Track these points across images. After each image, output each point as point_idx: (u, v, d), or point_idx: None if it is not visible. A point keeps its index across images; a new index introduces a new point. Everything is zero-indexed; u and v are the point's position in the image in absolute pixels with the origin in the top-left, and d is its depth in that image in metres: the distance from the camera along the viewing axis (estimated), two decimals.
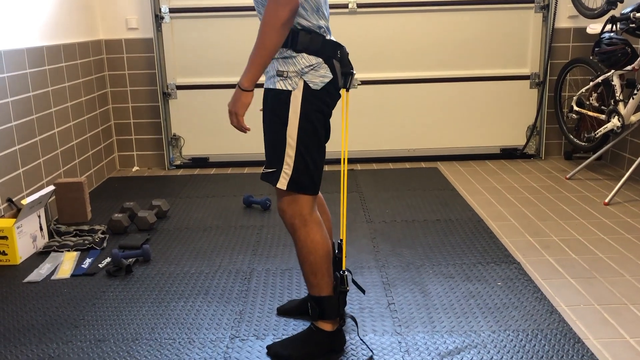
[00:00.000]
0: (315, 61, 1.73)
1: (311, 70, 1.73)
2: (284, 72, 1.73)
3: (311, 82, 1.73)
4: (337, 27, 3.93)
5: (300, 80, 1.72)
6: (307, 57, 1.73)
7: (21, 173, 2.82)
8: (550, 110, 4.04)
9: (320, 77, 1.74)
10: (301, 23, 1.72)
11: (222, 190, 3.55)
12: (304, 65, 1.72)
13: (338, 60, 1.77)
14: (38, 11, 3.07)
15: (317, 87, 1.73)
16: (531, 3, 3.92)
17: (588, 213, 3.00)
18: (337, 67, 1.76)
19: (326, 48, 1.75)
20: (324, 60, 1.74)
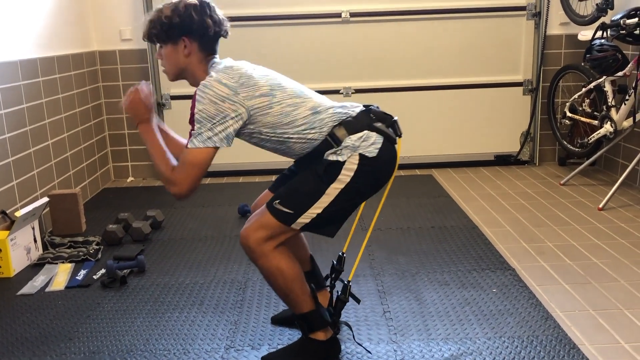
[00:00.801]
0: (362, 134, 1.71)
1: (362, 142, 1.70)
2: (336, 151, 1.71)
3: (367, 152, 1.70)
4: (331, 37, 3.94)
5: (355, 154, 1.70)
6: (352, 136, 1.71)
7: (15, 185, 2.81)
8: (543, 117, 4.06)
9: (373, 145, 1.71)
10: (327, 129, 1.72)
11: (217, 200, 3.55)
12: (353, 142, 1.70)
13: (377, 119, 1.76)
14: (32, 23, 3.08)
15: (373, 154, 1.70)
16: (523, 11, 3.95)
17: (582, 219, 3.01)
18: (382, 127, 1.75)
19: (360, 120, 1.75)
20: (369, 130, 1.73)
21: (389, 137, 1.75)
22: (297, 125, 1.73)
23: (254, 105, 1.70)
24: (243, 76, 1.71)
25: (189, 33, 1.77)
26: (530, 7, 3.94)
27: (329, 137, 1.73)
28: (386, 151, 1.73)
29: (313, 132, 1.73)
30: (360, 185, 1.71)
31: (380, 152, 1.71)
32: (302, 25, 3.94)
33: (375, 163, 1.70)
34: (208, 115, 1.66)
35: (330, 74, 4.01)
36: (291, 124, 1.73)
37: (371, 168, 1.71)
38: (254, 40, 3.95)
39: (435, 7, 3.93)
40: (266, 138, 1.76)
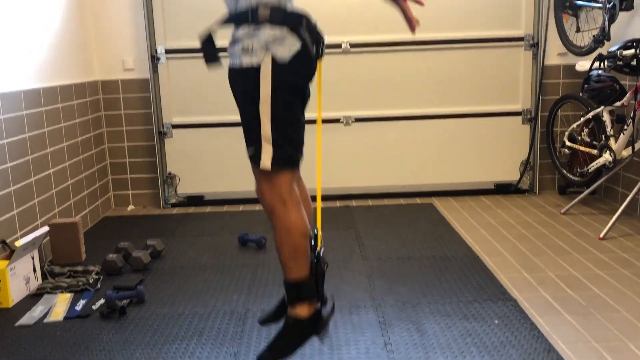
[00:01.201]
0: (279, 32, 1.66)
1: (276, 42, 1.66)
2: (248, 47, 1.66)
3: (278, 54, 1.65)
4: (331, 67, 3.98)
5: (267, 54, 1.65)
6: (270, 28, 1.66)
7: (15, 214, 2.81)
8: (542, 146, 4.08)
9: (287, 48, 1.66)
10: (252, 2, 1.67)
11: (217, 229, 3.54)
12: (267, 37, 1.65)
13: (305, 28, 1.71)
14: (35, 53, 3.11)
15: (285, 59, 1.65)
16: (521, 41, 4.00)
17: (583, 248, 3.00)
18: (306, 36, 1.70)
19: (289, 18, 1.69)
20: (290, 30, 1.67)
21: (308, 48, 1.70)
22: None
23: None
24: None
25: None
26: (528, 37, 3.99)
27: (251, 9, 1.67)
28: (302, 62, 1.70)
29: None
30: (281, 87, 1.68)
31: (294, 60, 1.67)
32: None
33: (287, 67, 1.67)
34: None
35: (331, 103, 4.05)
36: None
37: (286, 72, 1.67)
38: None
39: (434, 38, 3.98)
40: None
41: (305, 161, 1.89)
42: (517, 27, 4.00)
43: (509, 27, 3.99)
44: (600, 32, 3.33)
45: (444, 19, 3.97)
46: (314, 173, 1.93)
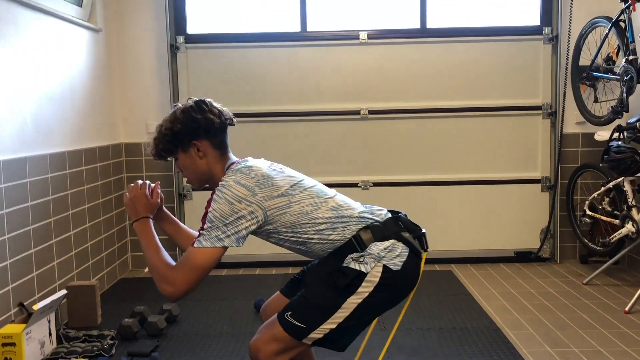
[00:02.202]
0: (389, 244, 1.66)
1: (388, 253, 1.64)
2: (359, 258, 1.64)
3: (391, 264, 1.63)
4: (350, 132, 4.03)
5: (379, 265, 1.62)
6: (379, 244, 1.66)
7: (34, 276, 2.82)
8: (563, 214, 4.04)
9: (398, 257, 1.65)
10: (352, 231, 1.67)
11: (233, 293, 3.52)
12: (379, 250, 1.64)
13: (405, 229, 1.71)
14: (63, 119, 3.21)
15: (397, 267, 1.64)
16: (539, 110, 4.04)
17: (608, 322, 2.92)
18: (410, 238, 1.70)
19: (388, 227, 1.69)
20: (396, 239, 1.67)
21: (415, 250, 1.69)
22: (318, 225, 1.68)
23: (272, 206, 1.66)
24: (262, 177, 1.69)
25: (197, 135, 1.77)
26: (546, 106, 4.03)
27: (354, 239, 1.67)
28: (411, 265, 1.67)
29: (335, 233, 1.68)
30: (379, 298, 1.64)
31: (405, 266, 1.65)
32: (323, 121, 4.06)
33: (398, 277, 1.64)
34: (221, 215, 1.62)
35: (349, 168, 4.08)
36: (311, 224, 1.68)
37: (393, 282, 1.64)
38: (277, 134, 4.07)
39: (452, 105, 4.04)
40: (284, 238, 1.72)
41: None
42: (535, 96, 4.04)
43: (527, 96, 4.05)
44: (619, 103, 3.35)
45: (464, 87, 4.03)
46: None
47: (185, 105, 1.80)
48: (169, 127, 1.77)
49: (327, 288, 1.64)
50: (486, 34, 4.02)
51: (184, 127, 1.76)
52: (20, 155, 2.74)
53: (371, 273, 1.63)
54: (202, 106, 1.80)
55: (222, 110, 1.84)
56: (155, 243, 1.74)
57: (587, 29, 3.78)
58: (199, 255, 1.62)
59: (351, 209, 1.74)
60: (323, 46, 4.04)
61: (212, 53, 4.02)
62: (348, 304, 1.62)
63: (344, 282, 1.62)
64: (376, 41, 4.02)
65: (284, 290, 1.93)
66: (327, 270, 1.67)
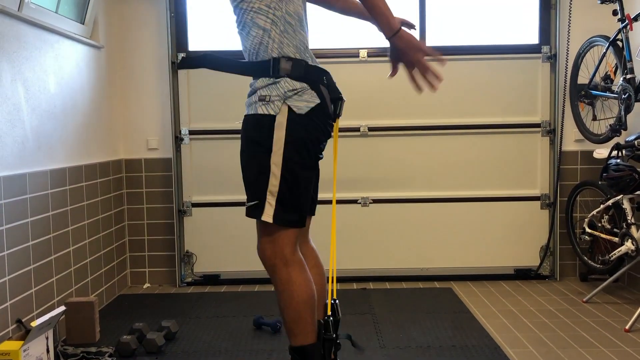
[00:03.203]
0: (299, 86, 1.66)
1: (295, 95, 1.65)
2: (266, 97, 1.65)
3: (295, 107, 1.65)
4: (349, 149, 4.05)
5: (284, 105, 1.64)
6: (290, 81, 1.66)
7: (33, 292, 2.81)
8: (562, 231, 4.04)
9: (306, 102, 1.66)
10: (282, 50, 1.68)
11: (232, 310, 3.50)
12: (287, 89, 1.65)
13: (325, 85, 1.71)
14: (64, 135, 3.22)
15: (302, 111, 1.65)
16: (537, 127, 4.05)
17: (609, 340, 2.91)
18: (325, 93, 1.70)
19: (310, 73, 1.70)
20: (309, 86, 1.68)
21: (325, 105, 1.68)
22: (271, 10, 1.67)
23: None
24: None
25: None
26: (545, 124, 4.05)
27: (273, 61, 1.66)
28: (318, 115, 1.66)
29: (273, 33, 1.66)
30: (297, 140, 1.64)
31: (311, 113, 1.64)
32: None
33: (304, 120, 1.64)
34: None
35: (349, 184, 4.09)
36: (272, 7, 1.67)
37: (302, 125, 1.64)
38: None
39: (450, 123, 4.06)
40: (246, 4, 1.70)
41: (322, 241, 1.85)
42: (534, 113, 4.07)
43: (526, 113, 4.07)
44: (617, 121, 3.37)
45: (463, 105, 4.06)
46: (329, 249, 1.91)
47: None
48: None
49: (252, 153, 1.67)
50: (485, 52, 4.05)
51: None
52: (20, 171, 2.75)
53: (278, 117, 1.63)
54: None
55: None
56: None
57: (585, 47, 3.81)
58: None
59: (303, 33, 1.73)
60: (323, 64, 3.98)
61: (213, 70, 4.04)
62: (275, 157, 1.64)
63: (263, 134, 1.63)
64: (376, 59, 4.05)
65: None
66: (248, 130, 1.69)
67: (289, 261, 1.68)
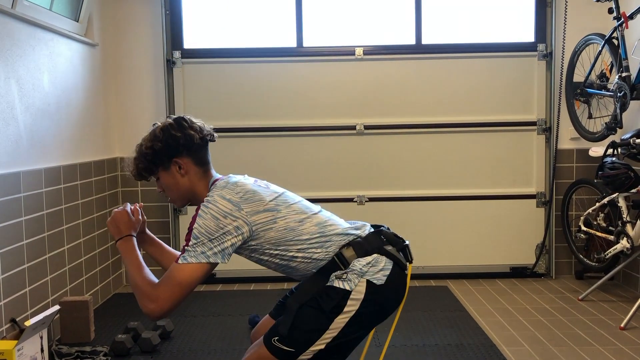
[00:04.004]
0: (371, 259, 1.63)
1: (371, 268, 1.62)
2: (342, 275, 1.61)
3: (374, 279, 1.61)
4: (345, 148, 4.05)
5: (362, 280, 1.60)
6: (361, 259, 1.63)
7: (27, 291, 2.80)
8: (558, 229, 4.05)
9: (382, 272, 1.62)
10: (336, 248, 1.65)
11: (227, 309, 3.49)
12: (362, 266, 1.62)
13: (388, 242, 1.69)
14: (58, 133, 3.20)
15: (381, 281, 1.61)
16: (533, 125, 4.05)
17: (604, 338, 2.91)
18: (393, 250, 1.67)
19: (370, 242, 1.67)
20: (379, 253, 1.65)
21: (400, 262, 1.67)
22: (302, 242, 1.66)
23: (257, 221, 1.65)
24: (248, 192, 1.69)
25: (177, 152, 1.76)
26: (541, 122, 4.05)
27: (336, 257, 1.64)
28: (395, 278, 1.64)
29: (319, 251, 1.66)
30: (366, 315, 1.62)
31: (389, 279, 1.62)
32: (319, 136, 4.07)
33: (383, 291, 1.61)
34: (207, 231, 1.60)
35: (345, 183, 4.08)
36: (295, 241, 1.66)
37: (378, 297, 1.61)
38: (273, 149, 4.07)
39: (447, 121, 4.05)
40: (268, 254, 1.69)
41: None
42: (530, 111, 4.07)
43: (521, 111, 4.07)
44: (612, 119, 3.37)
45: (459, 103, 4.05)
46: None
47: (164, 123, 1.79)
48: (149, 146, 1.76)
49: (313, 310, 1.62)
50: (481, 50, 4.05)
51: (164, 145, 1.75)
52: (14, 169, 2.73)
53: (355, 290, 1.61)
54: (182, 123, 1.79)
55: (203, 127, 1.83)
56: (138, 261, 1.71)
57: (580, 45, 3.81)
58: (183, 271, 1.59)
59: (335, 225, 1.72)
60: (319, 62, 4.06)
61: (208, 68, 4.04)
62: (335, 324, 1.61)
63: (330, 304, 1.60)
64: (372, 57, 4.04)
65: (272, 313, 1.91)
66: (312, 291, 1.64)
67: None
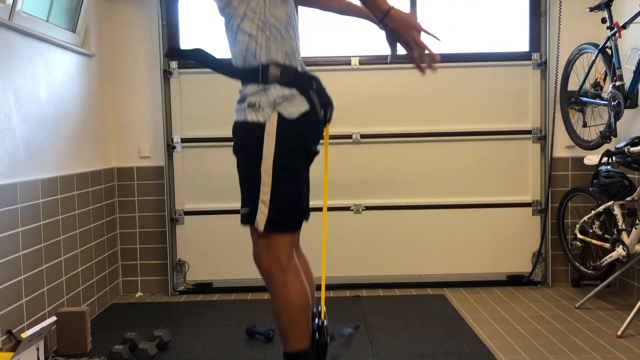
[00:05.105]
0: (289, 92, 1.66)
1: (285, 102, 1.64)
2: (255, 103, 1.65)
3: (285, 113, 1.64)
4: (342, 156, 4.06)
5: (274, 112, 1.63)
6: (279, 88, 1.65)
7: (24, 303, 2.79)
8: (554, 237, 4.06)
9: (296, 107, 1.65)
10: (270, 56, 1.67)
11: (225, 319, 3.49)
12: (276, 96, 1.64)
13: (314, 91, 1.71)
14: (55, 144, 3.21)
15: (292, 116, 1.64)
16: (528, 134, 4.08)
17: (601, 347, 2.92)
18: (315, 98, 1.69)
19: (300, 79, 1.69)
20: (299, 92, 1.67)
21: (315, 111, 1.67)
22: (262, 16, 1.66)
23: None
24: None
25: None
26: (536, 130, 4.07)
27: (261, 67, 1.65)
28: (309, 120, 1.66)
29: (260, 38, 1.65)
30: (288, 147, 1.63)
31: (302, 118, 1.64)
32: None
33: (295, 126, 1.63)
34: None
35: (341, 192, 4.09)
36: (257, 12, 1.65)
37: (292, 131, 1.63)
38: None
39: (443, 130, 4.07)
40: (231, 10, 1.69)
41: (315, 248, 1.85)
42: (525, 120, 4.09)
43: (516, 120, 4.09)
44: (607, 128, 3.40)
45: (454, 112, 4.07)
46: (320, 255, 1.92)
47: None
48: None
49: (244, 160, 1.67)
50: (476, 59, 4.07)
51: None
52: (11, 180, 2.73)
53: (268, 123, 1.62)
54: None
55: None
56: None
57: (574, 54, 3.84)
58: None
59: (292, 38, 1.71)
60: (315, 71, 4.02)
61: (205, 78, 4.05)
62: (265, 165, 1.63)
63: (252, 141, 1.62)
64: (368, 67, 4.07)
65: None
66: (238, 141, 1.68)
67: (285, 268, 1.68)
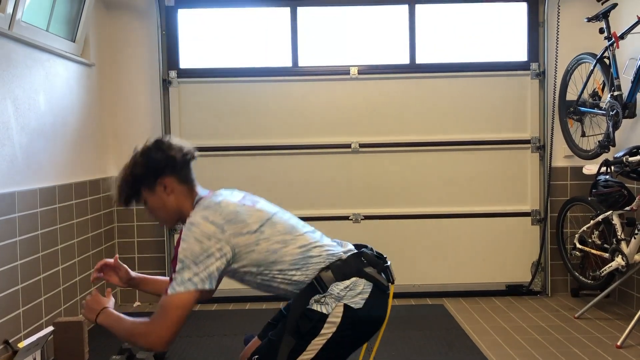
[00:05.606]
0: (349, 282, 1.64)
1: (349, 292, 1.62)
2: (321, 299, 1.62)
3: (352, 303, 1.61)
4: (340, 166, 4.06)
5: (340, 304, 1.61)
6: (339, 283, 1.64)
7: (21, 312, 2.78)
8: (553, 247, 4.05)
9: (360, 295, 1.63)
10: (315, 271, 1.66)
11: (222, 329, 3.47)
12: (339, 290, 1.63)
13: (368, 264, 1.69)
14: (54, 153, 3.20)
15: (359, 305, 1.62)
16: (527, 144, 4.08)
17: (600, 357, 2.90)
18: (373, 272, 1.67)
19: (349, 264, 1.66)
20: (358, 276, 1.65)
21: (380, 285, 1.66)
22: (282, 264, 1.66)
23: (240, 243, 1.65)
24: (231, 213, 1.68)
25: (161, 173, 1.77)
26: (535, 140, 4.08)
27: (315, 281, 1.65)
28: (375, 300, 1.64)
29: (298, 273, 1.66)
30: (343, 338, 1.62)
31: (368, 303, 1.63)
32: (314, 154, 4.08)
33: (360, 315, 1.62)
34: (191, 254, 1.60)
35: (340, 201, 4.09)
36: (276, 263, 1.66)
37: (356, 320, 1.61)
38: (268, 168, 4.08)
39: (441, 139, 4.07)
40: (250, 274, 1.69)
41: None
42: (524, 130, 4.09)
43: (515, 130, 4.10)
44: (605, 137, 3.40)
45: (454, 122, 4.08)
46: None
47: (144, 147, 1.81)
48: (132, 172, 1.77)
49: (291, 331, 1.63)
50: (475, 69, 4.08)
51: (146, 167, 1.77)
52: (9, 189, 2.73)
53: (332, 314, 1.61)
54: (161, 145, 1.81)
55: (183, 145, 1.84)
56: (122, 318, 1.73)
57: (573, 64, 3.85)
58: (173, 301, 1.59)
59: (319, 246, 1.71)
60: (314, 81, 4.09)
61: (204, 87, 4.06)
62: (312, 345, 1.61)
63: (307, 327, 1.61)
64: (366, 76, 4.08)
65: (260, 335, 1.92)
66: (292, 316, 1.65)
67: None
